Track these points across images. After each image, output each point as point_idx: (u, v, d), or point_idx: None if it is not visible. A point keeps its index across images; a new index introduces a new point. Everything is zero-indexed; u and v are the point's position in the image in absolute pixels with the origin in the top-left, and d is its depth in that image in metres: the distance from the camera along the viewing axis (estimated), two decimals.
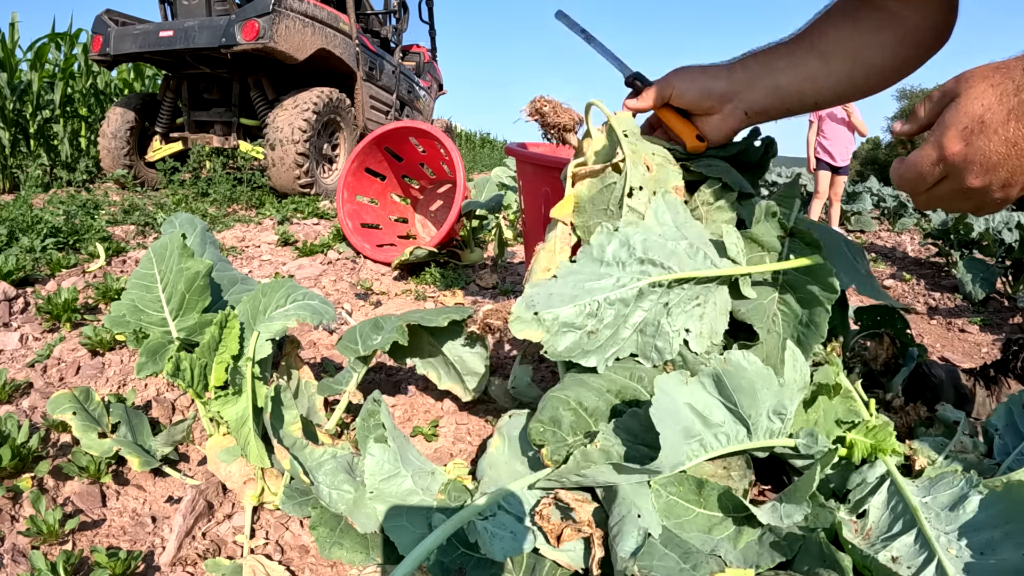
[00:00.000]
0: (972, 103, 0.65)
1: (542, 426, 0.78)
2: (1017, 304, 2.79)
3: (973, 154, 0.65)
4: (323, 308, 1.12)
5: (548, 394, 0.83)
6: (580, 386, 0.82)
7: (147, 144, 5.24)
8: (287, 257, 2.67)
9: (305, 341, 1.68)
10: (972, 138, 0.65)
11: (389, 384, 1.48)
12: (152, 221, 3.15)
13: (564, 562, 0.69)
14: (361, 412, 0.91)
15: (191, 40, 4.31)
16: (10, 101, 5.22)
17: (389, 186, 2.91)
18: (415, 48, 7.36)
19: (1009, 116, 0.63)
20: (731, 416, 0.74)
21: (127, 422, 1.11)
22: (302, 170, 4.40)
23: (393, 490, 0.78)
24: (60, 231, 2.46)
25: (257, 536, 0.95)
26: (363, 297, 2.16)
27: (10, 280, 1.91)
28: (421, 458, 0.88)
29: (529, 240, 1.89)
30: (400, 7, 6.34)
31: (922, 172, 0.70)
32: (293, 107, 4.43)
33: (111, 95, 6.65)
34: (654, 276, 0.81)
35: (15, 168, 5.11)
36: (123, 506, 1.01)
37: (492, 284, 2.39)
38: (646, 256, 0.81)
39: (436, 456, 1.19)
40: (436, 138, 2.52)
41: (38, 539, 0.89)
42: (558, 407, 0.80)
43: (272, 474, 1.00)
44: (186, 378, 1.02)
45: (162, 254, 1.19)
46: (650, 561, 0.63)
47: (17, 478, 1.01)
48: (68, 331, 1.66)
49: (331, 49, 4.90)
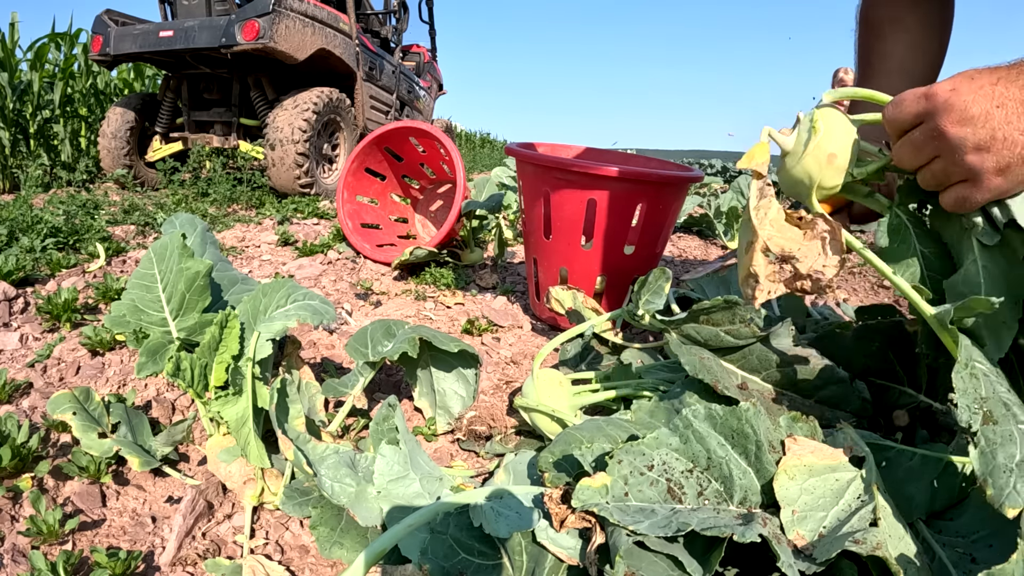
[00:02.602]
0: (965, 71, 0.66)
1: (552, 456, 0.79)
2: None
3: (955, 99, 0.64)
4: (323, 308, 1.12)
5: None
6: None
7: (147, 144, 5.23)
8: (287, 257, 2.67)
9: (305, 341, 1.68)
10: (959, 86, 0.65)
11: (389, 384, 1.48)
12: (152, 221, 3.15)
13: (564, 556, 0.69)
14: (375, 415, 0.91)
15: (191, 40, 4.31)
16: (10, 101, 5.22)
17: (389, 186, 2.91)
18: (415, 48, 7.36)
19: (999, 80, 0.63)
20: None
21: (127, 422, 1.11)
22: (302, 170, 4.40)
23: (400, 491, 0.78)
24: (60, 231, 2.46)
25: (257, 536, 0.95)
26: (363, 297, 2.16)
27: (10, 280, 1.91)
28: (431, 463, 0.88)
29: (529, 240, 1.89)
30: (400, 7, 6.33)
31: (905, 100, 0.69)
32: (293, 107, 4.43)
33: (111, 95, 6.64)
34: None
35: (15, 168, 5.11)
36: (123, 506, 1.01)
37: (492, 284, 2.39)
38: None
39: (436, 456, 1.19)
40: (436, 138, 2.52)
41: (38, 539, 0.89)
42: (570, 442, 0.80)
43: (272, 474, 1.00)
44: (186, 378, 1.02)
45: (162, 254, 1.19)
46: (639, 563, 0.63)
47: (17, 478, 1.00)
48: (68, 331, 1.66)
49: (331, 49, 4.90)
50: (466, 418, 1.27)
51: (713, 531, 0.60)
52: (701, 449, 0.70)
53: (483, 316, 1.99)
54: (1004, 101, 0.62)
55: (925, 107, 0.67)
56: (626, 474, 0.68)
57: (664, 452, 0.70)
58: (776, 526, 0.64)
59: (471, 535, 0.72)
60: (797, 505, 0.66)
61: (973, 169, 0.65)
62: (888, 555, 0.58)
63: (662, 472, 0.69)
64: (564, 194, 1.66)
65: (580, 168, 1.63)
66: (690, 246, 3.65)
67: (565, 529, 0.69)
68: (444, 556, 0.70)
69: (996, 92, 0.63)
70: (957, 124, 0.64)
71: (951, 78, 0.67)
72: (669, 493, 0.68)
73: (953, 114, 0.64)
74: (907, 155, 0.71)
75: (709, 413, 0.72)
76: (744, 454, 0.71)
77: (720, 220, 3.76)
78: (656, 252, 1.78)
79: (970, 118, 0.64)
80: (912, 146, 0.70)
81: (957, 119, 0.64)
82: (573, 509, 0.68)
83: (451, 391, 1.24)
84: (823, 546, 0.61)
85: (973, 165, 0.65)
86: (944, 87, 0.66)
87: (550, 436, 1.11)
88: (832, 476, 0.69)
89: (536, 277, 1.90)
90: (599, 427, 0.83)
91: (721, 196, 3.86)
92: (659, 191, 1.64)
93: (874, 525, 0.63)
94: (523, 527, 0.70)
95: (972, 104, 0.64)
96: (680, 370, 1.09)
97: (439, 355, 1.25)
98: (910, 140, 0.70)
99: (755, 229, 0.74)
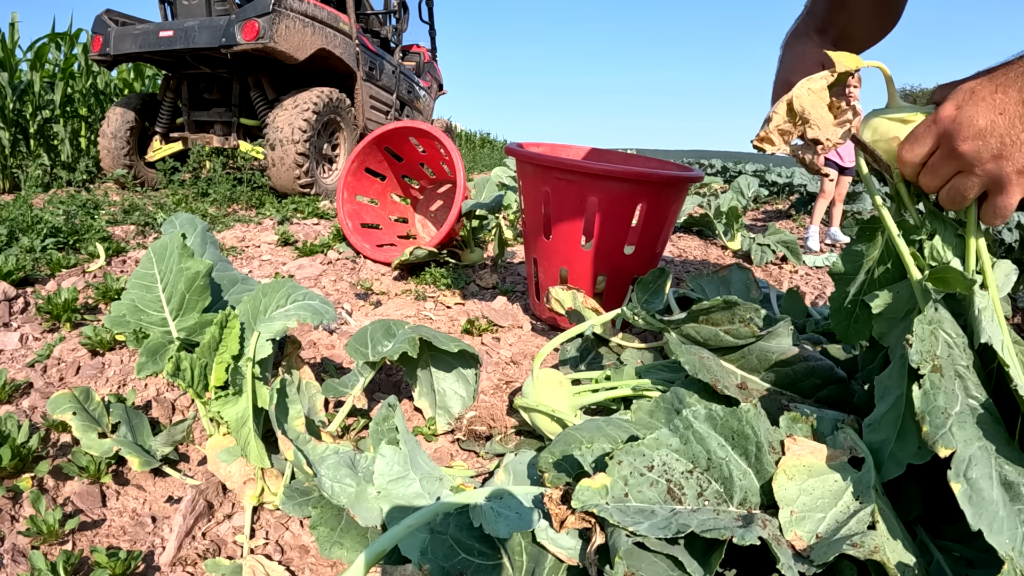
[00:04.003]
0: (964, 84, 0.71)
1: (552, 456, 0.79)
2: (1017, 304, 2.79)
3: (961, 116, 0.69)
4: (323, 308, 1.12)
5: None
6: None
7: (147, 144, 5.23)
8: (287, 257, 2.67)
9: (305, 341, 1.68)
10: (963, 104, 0.69)
11: (389, 384, 1.48)
12: (152, 221, 3.15)
13: (564, 556, 0.69)
14: (376, 415, 0.91)
15: (191, 40, 4.31)
16: (10, 101, 5.22)
17: (389, 186, 2.91)
18: (415, 48, 7.36)
19: (997, 88, 0.68)
20: None
21: (127, 422, 1.11)
22: (302, 170, 4.40)
23: (400, 492, 0.78)
24: (60, 231, 2.46)
25: (257, 536, 0.95)
26: (363, 297, 2.16)
27: (10, 280, 1.91)
28: (431, 463, 0.88)
29: (529, 240, 1.89)
30: (400, 7, 6.33)
31: (917, 136, 0.74)
32: (293, 107, 4.43)
33: (111, 95, 6.64)
34: None
35: (15, 168, 5.11)
36: (123, 506, 1.01)
37: (492, 284, 2.39)
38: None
39: (436, 456, 1.19)
40: (436, 138, 2.52)
41: (38, 539, 0.89)
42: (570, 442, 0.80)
43: (272, 474, 1.00)
44: (186, 378, 1.02)
45: (162, 254, 1.19)
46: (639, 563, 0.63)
47: (17, 478, 1.00)
48: (68, 331, 1.66)
49: (331, 49, 4.90)
50: (466, 418, 1.27)
51: (713, 533, 0.60)
52: (701, 450, 0.70)
53: (483, 316, 1.99)
54: (1005, 107, 0.67)
55: (936, 133, 0.72)
56: (626, 475, 0.68)
57: (664, 453, 0.70)
58: (776, 527, 0.64)
59: (471, 535, 0.72)
60: (795, 506, 0.66)
61: (995, 176, 0.69)
62: (886, 559, 0.58)
63: (662, 473, 0.69)
64: (564, 194, 1.66)
65: (580, 168, 1.63)
66: (690, 246, 3.65)
67: (565, 530, 0.69)
68: (444, 556, 0.70)
69: (996, 100, 0.67)
70: (969, 140, 0.69)
71: (952, 97, 0.71)
72: (669, 494, 0.68)
73: (963, 131, 0.69)
74: (931, 180, 0.76)
75: (709, 414, 0.72)
76: (744, 455, 0.71)
77: (720, 220, 3.76)
78: (656, 252, 1.78)
79: (979, 132, 0.68)
80: (934, 171, 0.74)
81: (967, 135, 0.68)
82: (573, 510, 0.68)
83: (451, 391, 1.24)
84: (821, 549, 0.61)
85: (994, 173, 0.69)
86: (948, 109, 0.71)
87: (550, 436, 1.11)
88: (831, 477, 0.69)
89: (536, 277, 1.90)
90: (599, 427, 0.83)
91: (721, 196, 3.86)
92: (659, 191, 1.64)
93: (872, 528, 0.63)
94: (523, 527, 0.70)
95: (977, 118, 0.68)
96: (680, 370, 1.09)
97: (439, 355, 1.25)
98: (931, 167, 0.75)
99: (795, 88, 0.80)
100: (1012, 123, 0.66)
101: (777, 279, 2.96)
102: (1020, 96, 0.66)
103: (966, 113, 0.68)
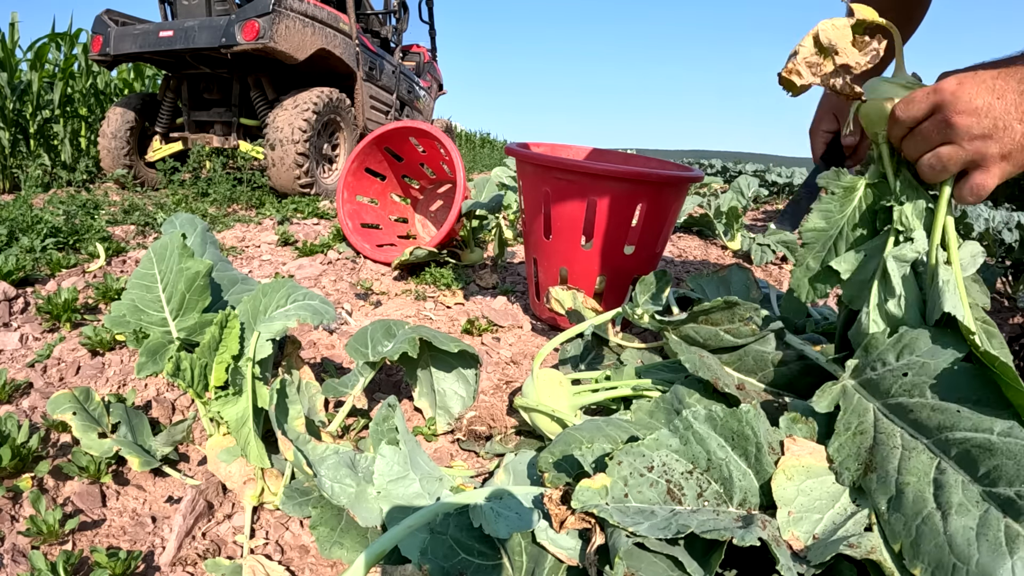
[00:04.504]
0: (969, 70, 0.74)
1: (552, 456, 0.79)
2: (1017, 304, 2.79)
3: (961, 92, 0.72)
4: (323, 308, 1.12)
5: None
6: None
7: (147, 144, 5.23)
8: (287, 257, 2.67)
9: (305, 341, 1.68)
10: (965, 81, 0.73)
11: (389, 384, 1.48)
12: (152, 221, 3.15)
13: (564, 556, 0.69)
14: (375, 416, 0.91)
15: (191, 40, 4.31)
16: (10, 101, 5.22)
17: (389, 186, 2.91)
18: (415, 48, 7.36)
19: (999, 75, 0.71)
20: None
21: (127, 422, 1.11)
22: (302, 170, 4.40)
23: (400, 492, 0.78)
24: (60, 231, 2.46)
25: (257, 536, 0.95)
26: (363, 297, 2.16)
27: (10, 280, 1.91)
28: (431, 463, 0.88)
29: (529, 240, 1.89)
30: (400, 7, 6.33)
31: (915, 97, 0.77)
32: (293, 107, 4.43)
33: (111, 95, 6.64)
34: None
35: (15, 168, 5.11)
36: (123, 506, 1.01)
37: (492, 284, 2.39)
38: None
39: (436, 456, 1.19)
40: (436, 138, 2.52)
41: (38, 539, 0.89)
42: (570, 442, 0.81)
43: (272, 474, 1.00)
44: (186, 378, 1.02)
45: (162, 254, 1.19)
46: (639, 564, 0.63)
47: (17, 478, 1.00)
48: (68, 331, 1.66)
49: (331, 49, 4.90)
50: (466, 418, 1.27)
51: (712, 534, 0.60)
52: (701, 450, 0.70)
53: (483, 316, 1.99)
54: (1004, 93, 0.70)
55: (934, 100, 0.75)
56: (626, 475, 0.68)
57: (664, 453, 0.70)
58: (775, 528, 0.64)
59: (471, 535, 0.72)
60: (793, 506, 0.66)
61: (979, 153, 0.73)
62: (883, 559, 0.58)
63: (662, 473, 0.69)
64: (564, 194, 1.66)
65: (580, 168, 1.63)
66: (690, 246, 3.65)
67: (565, 530, 0.69)
68: (444, 556, 0.70)
69: (996, 85, 0.71)
70: (963, 114, 0.72)
71: (956, 75, 0.74)
72: (669, 494, 0.68)
73: (959, 104, 0.72)
74: (916, 145, 0.78)
75: (709, 414, 0.72)
76: (744, 456, 0.71)
77: (720, 220, 3.76)
78: (656, 252, 1.78)
79: (974, 109, 0.71)
80: (922, 136, 0.77)
81: (963, 109, 0.72)
82: (573, 510, 0.68)
83: (451, 391, 1.24)
84: (818, 549, 0.61)
85: (979, 150, 0.72)
86: (950, 82, 0.74)
87: (550, 436, 1.11)
88: (829, 478, 0.69)
89: (536, 277, 1.90)
90: (599, 427, 0.83)
91: (721, 196, 3.86)
92: (659, 191, 1.64)
93: (869, 530, 0.63)
94: (523, 528, 0.70)
95: (976, 96, 0.71)
96: (680, 370, 1.09)
97: (439, 355, 1.25)
98: (920, 131, 0.77)
99: (818, 24, 0.83)
100: (1007, 109, 0.70)
101: (777, 279, 2.96)
102: (1020, 87, 0.69)
103: (966, 89, 0.72)
